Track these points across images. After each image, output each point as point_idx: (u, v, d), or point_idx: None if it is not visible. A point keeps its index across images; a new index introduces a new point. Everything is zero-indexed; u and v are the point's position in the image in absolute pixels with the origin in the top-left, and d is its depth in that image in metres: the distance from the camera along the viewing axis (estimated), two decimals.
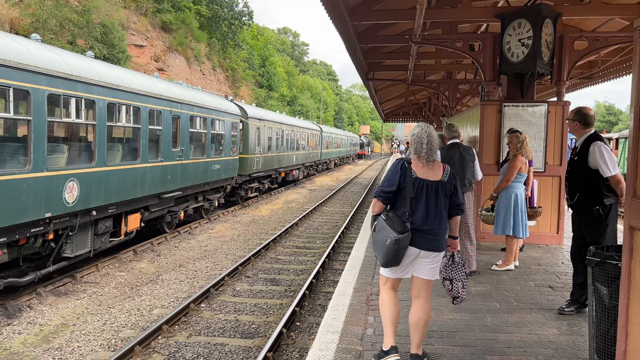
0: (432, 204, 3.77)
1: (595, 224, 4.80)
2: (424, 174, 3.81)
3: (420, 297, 3.89)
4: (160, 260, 10.86)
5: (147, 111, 10.59)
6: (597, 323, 3.54)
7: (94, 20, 22.36)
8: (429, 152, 3.82)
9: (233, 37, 44.35)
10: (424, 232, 3.76)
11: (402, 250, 3.73)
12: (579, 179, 4.89)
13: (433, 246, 3.79)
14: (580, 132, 4.98)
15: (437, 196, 3.79)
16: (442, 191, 3.80)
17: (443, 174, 3.86)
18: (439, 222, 3.80)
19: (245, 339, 6.70)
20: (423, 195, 3.77)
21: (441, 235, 3.83)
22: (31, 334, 6.71)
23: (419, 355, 3.89)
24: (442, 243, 3.85)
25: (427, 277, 3.86)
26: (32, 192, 7.23)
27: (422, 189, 3.78)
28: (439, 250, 3.83)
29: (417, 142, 3.87)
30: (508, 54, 8.37)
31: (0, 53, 6.57)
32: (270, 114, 24.30)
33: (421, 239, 3.76)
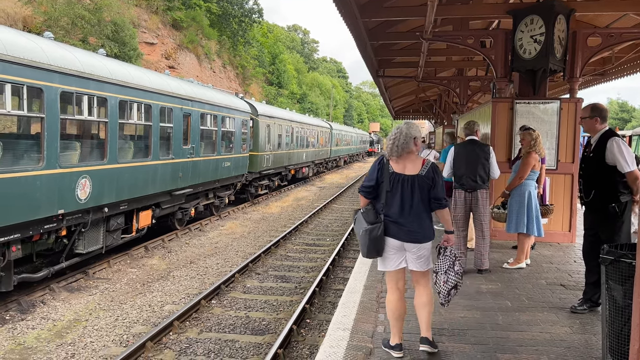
0: (407, 197, 3.90)
1: (610, 221, 4.73)
2: (400, 169, 3.96)
3: (420, 284, 4.06)
4: (171, 256, 10.94)
5: (158, 109, 10.64)
6: (610, 322, 3.51)
7: (106, 18, 22.51)
8: (396, 147, 3.97)
9: (243, 35, 44.42)
10: (400, 224, 3.90)
11: (376, 241, 3.88)
12: (595, 175, 4.82)
13: (411, 238, 3.90)
14: (597, 128, 4.89)
15: (413, 189, 3.90)
16: (418, 185, 3.90)
17: (421, 168, 3.95)
18: (416, 215, 3.90)
19: (255, 335, 6.73)
20: (398, 189, 3.91)
21: (421, 227, 3.92)
22: (44, 329, 6.79)
23: (429, 339, 4.03)
24: (422, 235, 3.92)
25: (417, 269, 3.99)
26: (45, 189, 7.31)
27: (398, 183, 3.92)
28: (419, 242, 3.92)
29: (388, 140, 4.09)
30: (520, 51, 8.31)
31: (15, 51, 6.64)
32: (280, 112, 24.34)
33: (398, 230, 3.90)
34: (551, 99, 8.65)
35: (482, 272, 6.54)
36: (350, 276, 6.61)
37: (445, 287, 4.01)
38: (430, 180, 3.92)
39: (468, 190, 6.42)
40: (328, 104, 71.83)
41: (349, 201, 21.46)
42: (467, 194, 6.48)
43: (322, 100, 69.90)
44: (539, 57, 8.02)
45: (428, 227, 3.97)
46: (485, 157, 6.48)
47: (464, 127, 6.82)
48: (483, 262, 6.55)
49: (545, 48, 7.91)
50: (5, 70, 6.46)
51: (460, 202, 6.55)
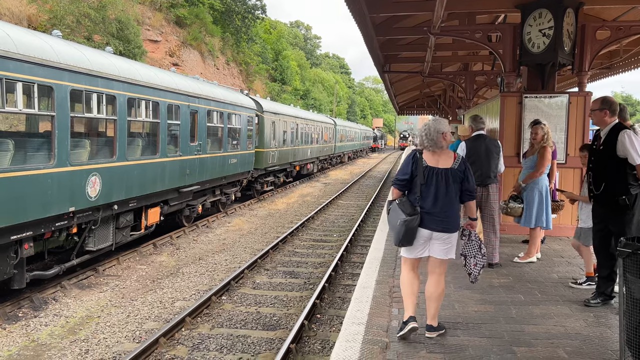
0: (441, 189, 4.13)
1: (621, 214, 4.73)
2: (433, 163, 4.18)
3: (435, 273, 4.30)
4: (179, 253, 10.98)
5: (165, 106, 10.67)
6: (628, 314, 3.51)
7: (110, 16, 22.52)
8: (430, 141, 4.19)
9: (246, 31, 44.36)
10: (433, 215, 4.12)
11: (412, 231, 4.12)
12: (606, 168, 4.82)
13: (443, 228, 4.14)
14: (607, 121, 4.88)
15: (447, 182, 4.13)
16: (451, 178, 4.14)
17: (454, 162, 4.20)
18: (449, 206, 4.14)
19: (267, 330, 6.76)
20: (433, 182, 4.14)
21: (451, 217, 4.16)
22: (57, 326, 6.84)
23: (433, 326, 4.30)
24: (452, 225, 4.17)
25: (440, 257, 4.24)
26: (56, 187, 7.34)
27: (432, 176, 4.14)
28: (449, 232, 4.17)
29: (420, 136, 4.32)
30: (528, 45, 8.28)
31: (25, 50, 6.66)
32: (285, 108, 24.33)
33: (431, 221, 4.13)
34: (560, 93, 8.64)
35: (493, 266, 6.55)
36: (360, 272, 6.63)
37: (475, 269, 4.38)
38: (462, 173, 4.17)
39: (480, 184, 6.43)
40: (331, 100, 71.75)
41: (354, 197, 21.47)
42: (478, 188, 6.48)
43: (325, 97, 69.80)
44: (548, 50, 8.00)
45: (457, 218, 4.24)
46: (497, 152, 6.49)
47: (473, 122, 6.80)
48: (494, 255, 6.56)
49: (554, 42, 7.88)
50: (17, 69, 6.48)
51: None
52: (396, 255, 7.23)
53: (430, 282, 4.30)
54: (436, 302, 4.27)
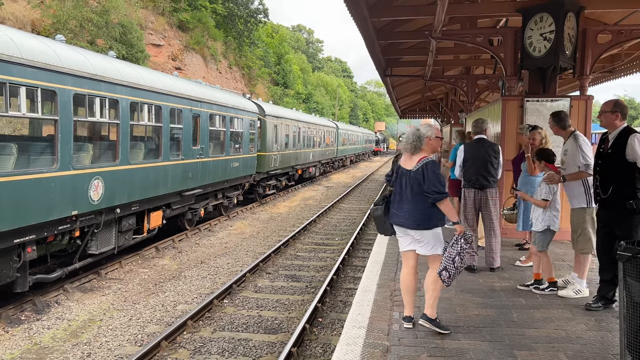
0: (403, 188, 4.52)
1: (628, 218, 4.69)
2: (403, 164, 4.60)
3: (430, 266, 4.58)
4: (181, 257, 11.00)
5: (168, 110, 10.71)
6: (628, 319, 3.51)
7: (113, 20, 22.65)
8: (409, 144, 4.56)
9: (249, 35, 44.53)
10: (395, 210, 4.58)
11: (378, 219, 4.68)
12: (614, 172, 4.76)
13: (402, 222, 4.51)
14: (616, 124, 4.82)
15: (406, 182, 4.50)
16: (409, 179, 4.46)
17: (415, 164, 4.46)
18: (407, 203, 4.46)
19: (268, 334, 6.77)
20: (398, 181, 4.60)
21: (407, 214, 4.45)
22: (60, 329, 6.86)
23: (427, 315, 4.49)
24: (408, 221, 4.45)
25: (421, 253, 4.52)
26: (59, 191, 7.38)
27: (399, 176, 4.60)
28: (405, 227, 4.49)
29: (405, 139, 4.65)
30: (530, 49, 8.31)
31: (29, 54, 6.71)
32: (287, 112, 24.38)
33: (394, 216, 4.59)
34: (561, 97, 8.65)
35: (494, 270, 6.55)
36: (362, 275, 6.64)
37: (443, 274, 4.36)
38: (420, 175, 4.39)
39: (477, 188, 6.44)
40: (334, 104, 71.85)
41: (356, 201, 21.47)
42: (476, 192, 6.50)
43: (327, 100, 69.92)
44: (549, 54, 8.02)
45: (418, 217, 4.41)
46: (495, 156, 6.50)
47: (473, 126, 6.84)
48: (495, 260, 6.56)
49: (555, 46, 7.90)
50: (20, 73, 6.53)
51: (469, 201, 6.57)
52: (397, 259, 7.24)
53: (427, 274, 4.59)
54: (429, 292, 4.49)
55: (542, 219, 5.61)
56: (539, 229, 5.64)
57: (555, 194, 5.59)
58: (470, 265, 6.58)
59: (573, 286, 5.59)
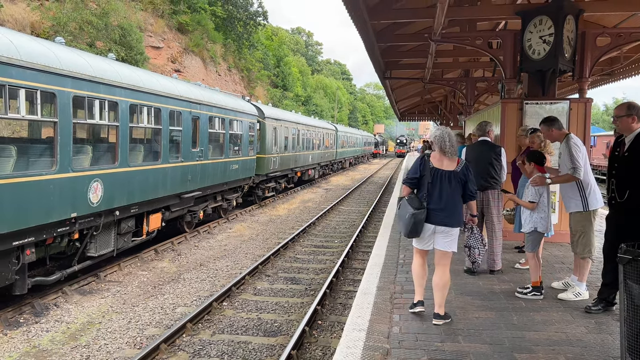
0: (445, 189, 4.72)
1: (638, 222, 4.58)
2: (439, 165, 4.79)
3: (440, 265, 4.82)
4: (181, 259, 10.98)
5: (167, 112, 10.71)
6: (628, 321, 3.50)
7: (112, 22, 22.66)
8: (452, 147, 4.79)
9: (248, 38, 44.57)
10: (437, 211, 4.71)
11: (419, 224, 4.70)
12: (631, 176, 4.63)
13: (445, 222, 4.71)
14: (633, 127, 4.70)
15: (450, 182, 4.72)
16: (454, 179, 4.73)
17: (457, 165, 4.80)
18: (451, 204, 4.71)
19: (268, 337, 6.76)
20: (438, 181, 4.74)
21: (453, 214, 4.72)
22: (59, 332, 6.84)
23: (440, 314, 4.76)
24: (453, 220, 4.72)
25: (443, 249, 4.78)
26: (58, 193, 7.37)
27: (437, 177, 4.75)
28: (450, 226, 4.71)
29: (441, 141, 4.81)
30: (529, 51, 8.31)
31: (29, 56, 6.70)
32: (286, 114, 24.39)
33: (435, 216, 4.71)
34: (560, 99, 8.66)
35: (495, 272, 6.55)
36: (361, 277, 6.63)
37: (479, 257, 5.36)
38: (465, 176, 4.78)
39: (479, 190, 6.44)
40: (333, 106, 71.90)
41: (355, 203, 21.47)
42: (478, 194, 6.49)
43: (326, 103, 69.97)
44: (548, 57, 8.02)
45: (459, 215, 4.78)
46: (496, 158, 6.50)
47: (477, 128, 6.86)
48: (496, 262, 6.56)
49: (554, 48, 7.91)
50: (19, 75, 6.52)
51: None
52: (397, 262, 7.24)
53: (436, 274, 4.83)
54: (441, 292, 4.76)
55: (530, 220, 5.64)
56: (526, 230, 5.68)
57: (542, 196, 5.60)
58: (470, 267, 6.58)
59: (573, 289, 5.57)
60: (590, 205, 5.37)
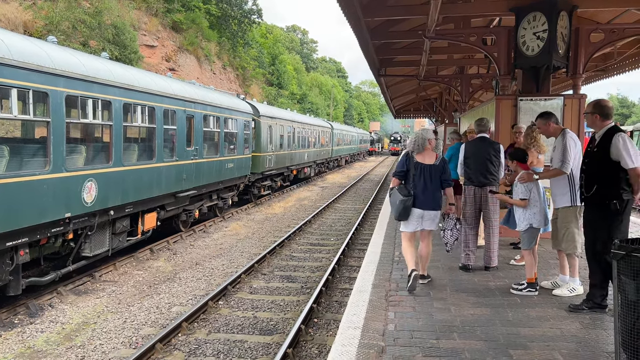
0: (427, 179, 5.72)
1: (610, 218, 4.67)
2: (422, 160, 5.82)
3: (425, 239, 5.94)
4: (176, 258, 10.96)
5: (161, 111, 10.67)
6: (622, 317, 3.51)
7: (106, 21, 22.53)
8: (416, 146, 5.88)
9: (243, 36, 44.42)
10: (423, 198, 5.70)
11: (407, 209, 5.70)
12: (598, 171, 4.78)
13: (430, 206, 5.73)
14: (600, 124, 4.85)
15: (431, 174, 5.74)
16: (434, 171, 5.75)
17: (435, 160, 5.82)
18: (434, 191, 5.75)
19: (264, 335, 6.75)
20: (421, 173, 5.74)
21: (436, 199, 5.75)
22: (54, 332, 6.81)
23: (424, 275, 6.03)
24: (436, 205, 5.76)
25: (429, 228, 5.86)
26: (52, 193, 7.33)
27: (420, 170, 5.75)
28: (434, 209, 5.75)
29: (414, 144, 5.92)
30: (523, 48, 8.31)
31: (20, 56, 6.66)
32: (281, 112, 24.35)
33: (422, 202, 5.71)
34: (554, 96, 8.66)
35: (490, 269, 6.56)
36: (357, 275, 6.63)
37: (451, 238, 6.11)
38: (442, 168, 5.79)
39: (477, 186, 6.45)
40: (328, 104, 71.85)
41: (351, 201, 21.47)
42: (476, 190, 6.51)
43: (322, 100, 69.89)
44: (542, 53, 8.02)
45: (440, 200, 5.83)
46: (495, 154, 6.51)
47: (476, 125, 6.86)
48: (492, 259, 6.57)
49: (548, 45, 7.91)
50: (11, 75, 6.48)
51: (470, 199, 6.58)
52: (392, 259, 7.24)
53: (421, 246, 5.95)
54: (425, 259, 5.99)
55: (524, 217, 5.67)
56: (522, 228, 5.71)
57: (531, 191, 5.63)
58: (466, 264, 6.59)
59: (567, 285, 5.58)
60: (579, 201, 5.34)
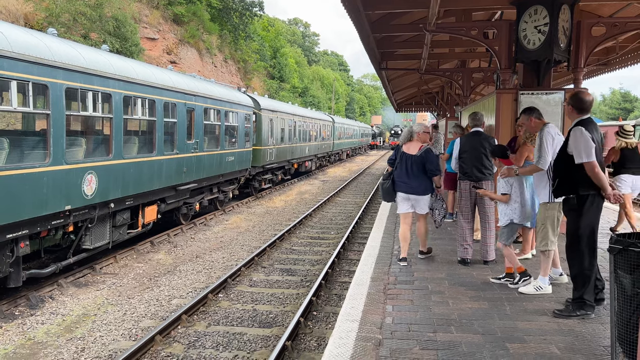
0: (409, 167, 6.48)
1: (570, 212, 4.67)
2: (407, 150, 6.59)
3: (420, 221, 6.77)
4: (177, 251, 10.99)
5: (162, 104, 10.66)
6: (618, 311, 3.53)
7: (107, 13, 22.46)
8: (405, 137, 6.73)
9: (244, 29, 44.27)
10: (404, 183, 6.53)
11: (386, 190, 6.65)
12: (558, 164, 4.78)
13: (411, 191, 6.51)
14: (574, 116, 4.77)
15: (412, 163, 6.47)
16: (415, 161, 6.47)
17: (418, 151, 6.50)
18: (414, 178, 6.47)
19: (263, 328, 6.78)
20: (404, 162, 6.53)
21: (416, 185, 6.48)
22: (54, 324, 6.85)
23: (423, 251, 6.88)
24: (417, 190, 6.49)
25: (420, 212, 6.65)
26: (52, 185, 7.35)
27: (403, 158, 6.55)
28: (416, 194, 6.51)
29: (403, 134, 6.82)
30: (524, 41, 8.26)
31: (20, 48, 6.65)
32: (282, 105, 24.32)
33: (403, 187, 6.54)
34: (555, 90, 8.62)
35: (488, 263, 6.57)
36: (356, 269, 6.64)
37: (438, 217, 6.76)
38: (422, 159, 6.45)
39: (473, 180, 6.46)
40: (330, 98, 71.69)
41: (352, 194, 21.48)
42: (472, 184, 6.51)
43: (323, 94, 69.74)
44: (543, 47, 7.97)
45: (424, 186, 6.50)
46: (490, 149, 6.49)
47: (470, 119, 6.86)
48: (489, 253, 6.58)
49: (549, 38, 7.86)
50: (11, 67, 6.48)
51: (465, 194, 6.59)
52: (391, 253, 7.25)
53: (417, 226, 6.85)
54: (422, 237, 6.81)
55: (505, 213, 5.74)
56: (503, 223, 5.78)
57: (512, 186, 5.68)
58: (464, 258, 6.60)
59: (535, 282, 5.48)
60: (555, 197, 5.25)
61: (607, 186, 4.47)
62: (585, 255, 4.60)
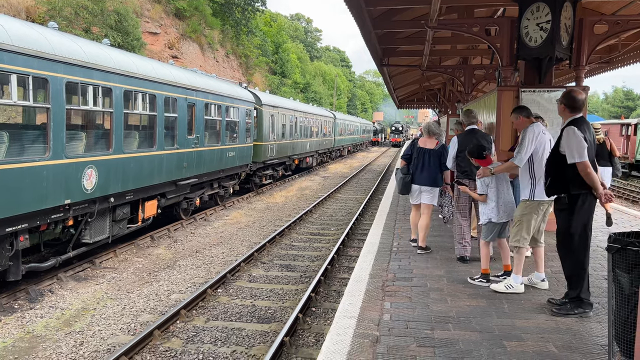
0: (426, 160, 7.02)
1: (562, 211, 4.66)
2: (423, 145, 7.12)
3: (424, 213, 7.08)
4: (177, 246, 11.00)
5: (162, 99, 10.65)
6: (616, 310, 3.53)
7: (108, 7, 22.41)
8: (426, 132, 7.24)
9: (246, 24, 44.14)
10: (421, 176, 7.02)
11: (407, 184, 7.11)
12: (550, 163, 4.77)
13: (425, 182, 7.01)
14: (567, 115, 4.75)
15: (430, 157, 7.01)
16: (433, 155, 7.01)
17: (435, 146, 7.06)
18: (430, 171, 6.99)
19: (262, 323, 6.79)
20: (422, 156, 7.05)
21: (432, 178, 6.99)
22: (53, 318, 6.87)
23: (422, 247, 7.07)
24: (432, 183, 6.99)
25: (426, 202, 7.09)
26: (52, 179, 7.35)
27: (421, 153, 7.07)
28: (430, 186, 7.00)
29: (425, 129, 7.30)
30: (526, 39, 8.22)
31: (20, 41, 6.64)
32: (284, 101, 24.28)
33: (420, 179, 7.03)
34: (557, 87, 8.59)
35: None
36: (355, 265, 6.65)
37: (447, 212, 7.21)
38: (439, 153, 7.02)
39: (470, 178, 6.45)
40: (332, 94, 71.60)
41: (353, 191, 21.47)
42: (470, 182, 6.49)
43: (325, 90, 69.62)
44: (545, 45, 7.94)
45: (436, 179, 7.03)
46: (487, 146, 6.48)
47: (464, 117, 6.85)
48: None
49: (551, 36, 7.82)
50: (11, 61, 6.47)
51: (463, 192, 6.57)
52: (390, 249, 7.25)
53: (421, 219, 7.09)
54: (423, 231, 7.03)
55: (483, 212, 5.83)
56: (482, 222, 5.85)
57: (488, 186, 5.73)
58: (463, 256, 6.60)
59: (507, 280, 5.46)
60: (537, 196, 5.20)
61: (598, 186, 4.46)
62: (578, 254, 4.61)
